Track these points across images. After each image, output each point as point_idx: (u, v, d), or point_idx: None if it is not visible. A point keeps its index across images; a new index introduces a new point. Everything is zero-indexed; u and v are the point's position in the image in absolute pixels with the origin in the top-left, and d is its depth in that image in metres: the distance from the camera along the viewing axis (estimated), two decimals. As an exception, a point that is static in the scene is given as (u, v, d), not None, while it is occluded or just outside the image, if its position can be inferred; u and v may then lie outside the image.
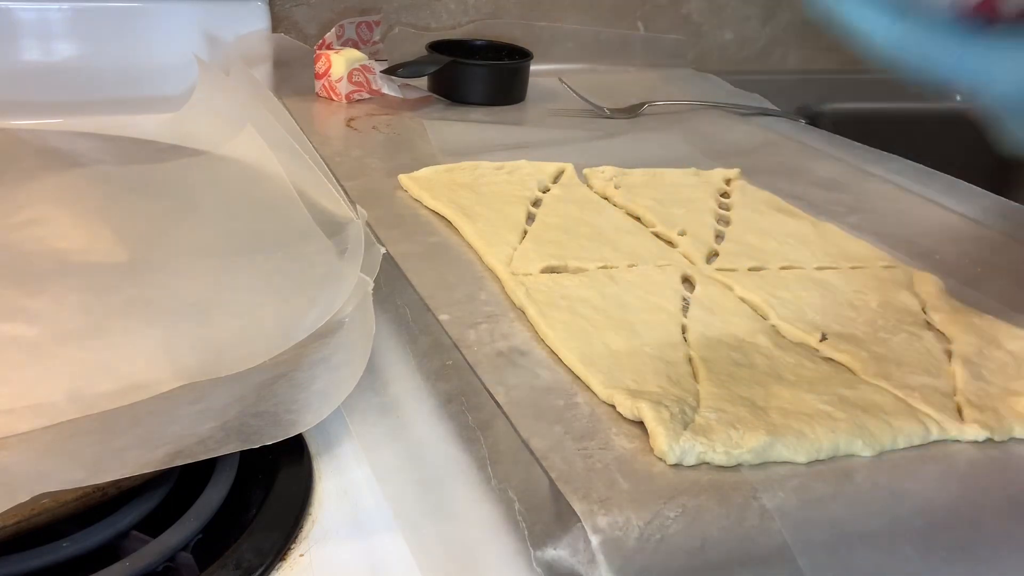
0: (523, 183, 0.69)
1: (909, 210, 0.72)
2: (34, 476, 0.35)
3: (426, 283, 0.55)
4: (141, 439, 0.38)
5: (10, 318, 0.48)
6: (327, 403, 0.42)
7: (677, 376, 0.46)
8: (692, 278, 0.56)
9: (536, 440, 0.41)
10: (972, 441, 0.44)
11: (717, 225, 0.65)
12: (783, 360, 0.48)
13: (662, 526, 0.37)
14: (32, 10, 0.84)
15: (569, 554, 0.36)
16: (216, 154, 0.68)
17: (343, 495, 0.42)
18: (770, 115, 0.98)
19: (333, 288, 0.49)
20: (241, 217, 0.61)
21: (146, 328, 0.48)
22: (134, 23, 0.87)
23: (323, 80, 0.91)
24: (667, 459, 0.40)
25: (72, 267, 0.53)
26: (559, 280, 0.55)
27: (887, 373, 0.47)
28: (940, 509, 0.40)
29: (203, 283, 0.52)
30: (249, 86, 0.74)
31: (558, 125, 0.89)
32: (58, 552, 0.37)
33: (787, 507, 0.38)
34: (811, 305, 0.54)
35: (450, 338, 0.49)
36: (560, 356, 0.47)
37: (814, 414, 0.43)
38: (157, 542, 0.37)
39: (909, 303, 0.55)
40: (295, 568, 0.38)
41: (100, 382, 0.43)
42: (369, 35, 0.97)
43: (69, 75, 0.85)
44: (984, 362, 0.49)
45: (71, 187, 0.63)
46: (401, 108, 0.89)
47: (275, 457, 0.43)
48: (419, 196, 0.67)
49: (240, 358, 0.43)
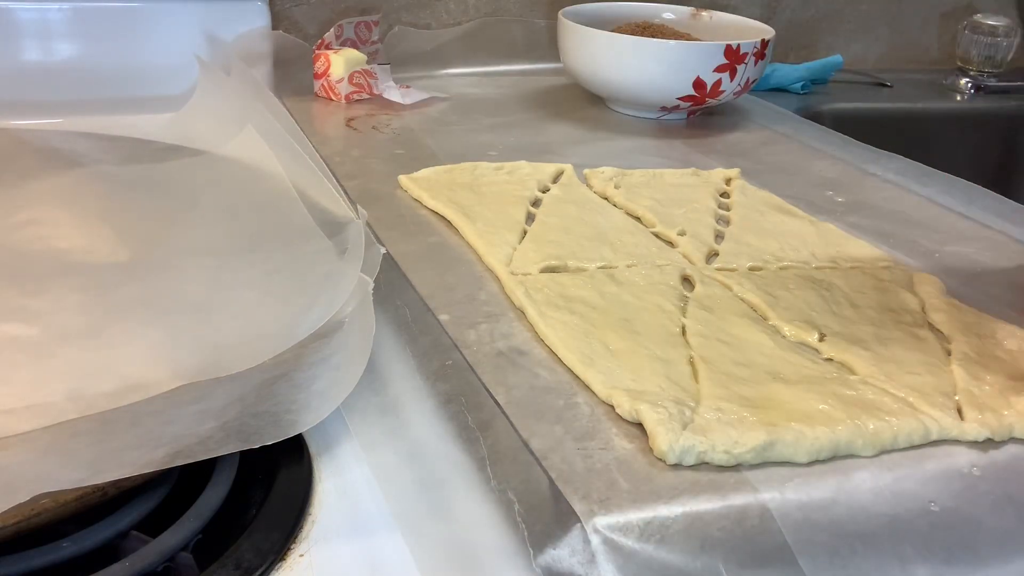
0: (523, 183, 0.69)
1: (909, 210, 0.72)
2: (34, 476, 0.35)
3: (426, 283, 0.55)
4: (141, 439, 0.38)
5: (10, 318, 0.48)
6: (327, 403, 0.42)
7: (677, 376, 0.46)
8: (692, 278, 0.56)
9: (536, 440, 0.41)
10: (972, 441, 0.44)
11: (717, 225, 0.65)
12: (783, 360, 0.48)
13: (662, 526, 0.37)
14: (32, 10, 0.84)
15: (568, 554, 0.36)
16: (216, 154, 0.68)
17: (343, 495, 0.42)
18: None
19: (333, 288, 0.49)
20: (241, 217, 0.61)
21: (146, 328, 0.48)
22: (134, 23, 0.87)
23: (322, 80, 0.91)
24: (667, 459, 0.40)
25: (72, 267, 0.53)
26: (559, 280, 0.55)
27: (887, 373, 0.47)
28: (940, 509, 0.40)
29: (203, 283, 0.52)
30: (249, 86, 0.74)
31: (558, 126, 0.89)
32: (58, 552, 0.37)
33: (787, 507, 0.38)
34: (811, 305, 0.54)
35: (450, 338, 0.49)
36: (559, 356, 0.47)
37: (814, 414, 0.43)
38: (157, 542, 0.37)
39: (909, 303, 0.55)
40: (295, 568, 0.38)
41: (100, 382, 0.43)
42: (368, 35, 0.97)
43: (69, 75, 0.85)
44: (984, 362, 0.49)
45: (71, 187, 0.63)
46: (401, 108, 0.89)
47: (275, 457, 0.43)
48: (419, 196, 0.67)
49: (240, 358, 0.43)
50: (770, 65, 1.05)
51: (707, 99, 0.87)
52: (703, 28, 0.98)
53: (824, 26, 1.23)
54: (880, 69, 1.21)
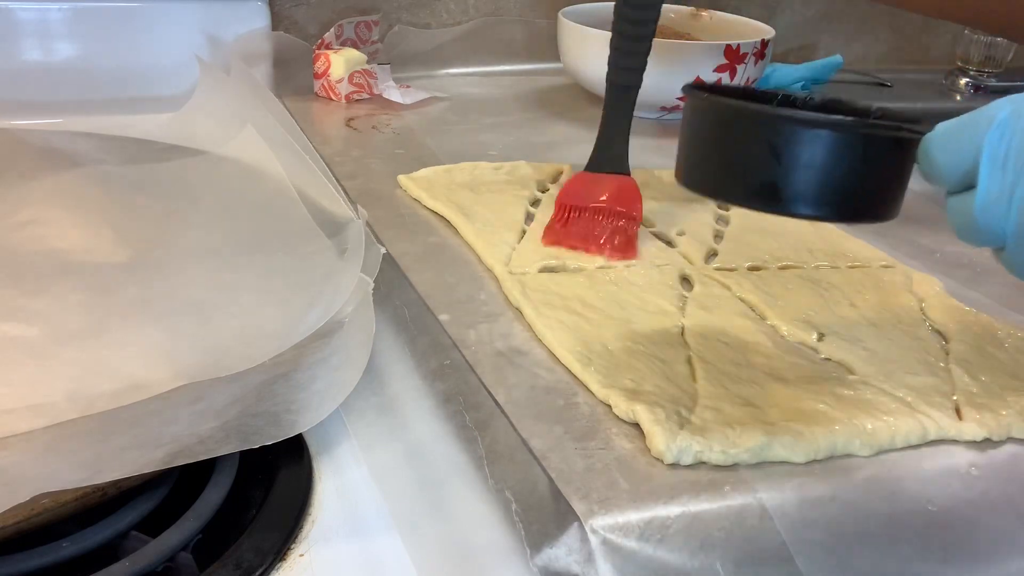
0: (522, 183, 0.69)
1: (909, 210, 0.72)
2: (34, 476, 0.36)
3: (425, 283, 0.55)
4: (141, 439, 0.38)
5: (10, 318, 0.48)
6: (327, 403, 0.42)
7: (675, 376, 0.46)
8: (691, 277, 0.57)
9: (536, 440, 0.41)
10: (970, 441, 0.44)
11: (716, 225, 0.65)
12: (781, 360, 0.48)
13: (662, 526, 0.37)
14: (32, 10, 0.84)
15: (565, 553, 0.36)
16: (216, 154, 0.68)
17: (342, 495, 0.42)
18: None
19: (333, 288, 0.49)
20: (241, 217, 0.61)
21: (146, 328, 0.48)
22: (134, 23, 0.87)
23: (322, 80, 0.91)
24: (664, 459, 0.40)
25: (72, 267, 0.53)
26: (557, 279, 0.55)
27: (886, 372, 0.47)
28: (938, 509, 0.40)
29: (203, 283, 0.52)
30: (249, 86, 0.74)
31: (558, 126, 0.89)
32: (58, 552, 0.37)
33: (785, 507, 0.39)
34: (810, 305, 0.54)
35: (449, 338, 0.49)
36: (557, 355, 0.48)
37: (812, 413, 0.43)
38: (157, 542, 0.37)
39: (908, 303, 0.55)
40: (295, 568, 0.38)
41: (100, 382, 0.43)
42: (368, 35, 0.97)
43: (69, 75, 0.85)
44: (982, 362, 0.49)
45: (71, 187, 0.63)
46: (401, 108, 0.89)
47: (275, 457, 0.43)
48: (418, 196, 0.67)
49: (240, 358, 0.43)
50: (770, 65, 1.05)
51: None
52: (703, 28, 0.98)
53: (824, 26, 1.23)
54: (880, 69, 1.21)
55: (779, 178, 0.38)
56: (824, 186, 0.38)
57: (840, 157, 0.37)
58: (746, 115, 0.39)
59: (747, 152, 0.38)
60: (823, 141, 0.37)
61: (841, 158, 0.37)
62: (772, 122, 0.38)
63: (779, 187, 0.38)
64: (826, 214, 0.40)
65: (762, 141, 0.38)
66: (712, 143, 0.41)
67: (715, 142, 0.40)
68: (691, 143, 0.42)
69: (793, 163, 0.37)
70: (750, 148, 0.38)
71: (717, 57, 0.85)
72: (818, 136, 0.37)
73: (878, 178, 0.39)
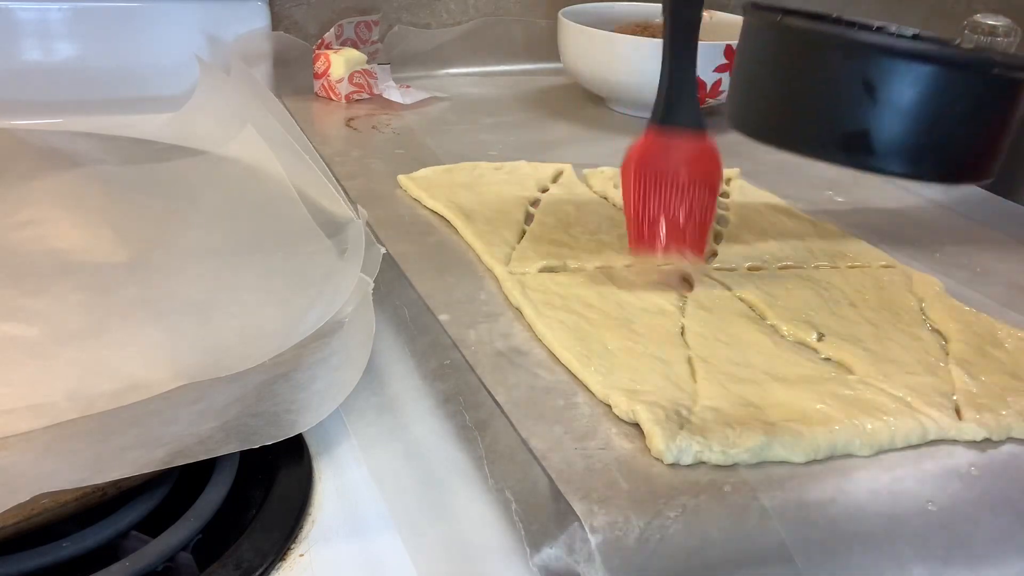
0: (522, 183, 0.69)
1: (909, 210, 0.72)
2: (34, 476, 0.36)
3: (425, 283, 0.55)
4: (141, 439, 0.38)
5: (10, 318, 0.48)
6: (327, 403, 0.42)
7: (675, 376, 0.46)
8: (691, 277, 0.57)
9: (536, 440, 0.41)
10: (970, 440, 0.44)
11: (716, 225, 0.65)
12: (781, 360, 0.48)
13: (662, 526, 0.37)
14: (32, 10, 0.84)
15: (566, 553, 0.36)
16: (216, 154, 0.68)
17: (342, 495, 0.42)
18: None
19: (333, 288, 0.49)
20: (241, 217, 0.61)
21: (146, 328, 0.48)
22: (134, 23, 0.87)
23: (322, 80, 0.91)
24: (664, 459, 0.40)
25: (72, 267, 0.53)
26: (557, 279, 0.55)
27: (885, 372, 0.47)
28: (938, 509, 0.40)
29: (203, 283, 0.52)
30: (249, 86, 0.74)
31: (558, 126, 0.89)
32: (58, 552, 0.37)
33: (785, 507, 0.38)
34: (809, 305, 0.54)
35: (450, 338, 0.49)
36: (557, 355, 0.48)
37: (812, 413, 0.43)
38: (157, 542, 0.37)
39: (908, 303, 0.55)
40: (295, 568, 0.38)
41: (100, 382, 0.43)
42: (368, 35, 0.97)
43: (69, 75, 0.85)
44: (982, 362, 0.49)
45: (71, 187, 0.63)
46: (401, 108, 0.89)
47: (275, 457, 0.43)
48: (418, 196, 0.67)
49: (240, 358, 0.43)
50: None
51: (707, 99, 0.87)
52: (703, 28, 0.98)
53: (824, 26, 1.23)
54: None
55: (873, 124, 0.30)
56: (928, 136, 0.30)
57: (954, 100, 0.29)
58: (835, 43, 0.30)
59: (832, 90, 0.30)
60: (935, 79, 0.29)
61: (956, 102, 0.29)
62: (869, 53, 0.29)
63: (871, 136, 0.30)
64: (923, 171, 0.32)
65: (854, 76, 0.30)
66: (783, 78, 0.33)
67: (787, 77, 0.32)
68: (752, 78, 0.34)
69: (893, 106, 0.29)
70: (837, 85, 0.30)
71: (717, 57, 0.85)
72: (929, 74, 0.28)
73: (990, 128, 0.31)
